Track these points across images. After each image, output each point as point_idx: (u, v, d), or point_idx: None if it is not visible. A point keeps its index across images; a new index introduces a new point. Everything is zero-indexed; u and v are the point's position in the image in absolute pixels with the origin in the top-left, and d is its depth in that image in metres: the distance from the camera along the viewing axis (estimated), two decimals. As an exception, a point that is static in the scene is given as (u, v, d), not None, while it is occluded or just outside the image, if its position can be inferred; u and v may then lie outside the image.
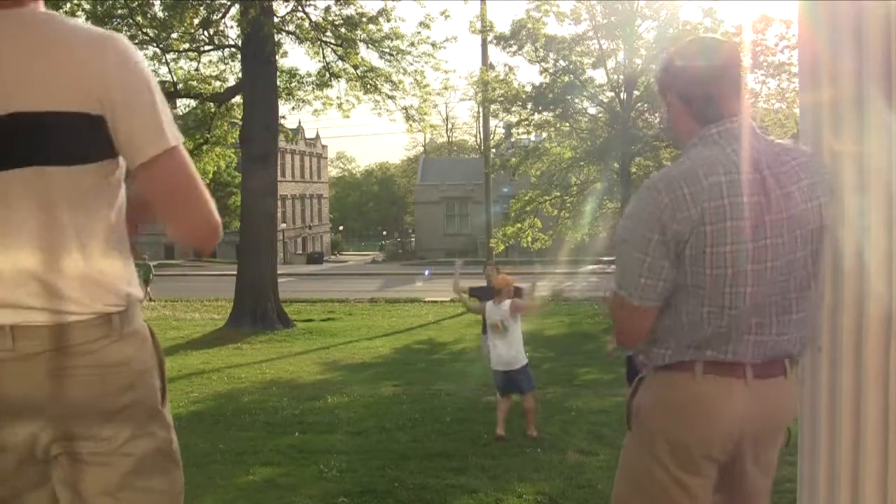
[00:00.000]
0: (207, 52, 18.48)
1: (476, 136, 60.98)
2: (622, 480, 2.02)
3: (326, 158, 63.57)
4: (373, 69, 18.30)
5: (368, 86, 18.33)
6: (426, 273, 30.00)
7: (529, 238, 20.26)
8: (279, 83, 17.68)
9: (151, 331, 1.58)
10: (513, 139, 22.45)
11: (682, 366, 1.83)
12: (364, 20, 17.47)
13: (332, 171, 72.21)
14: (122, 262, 1.51)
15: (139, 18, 16.48)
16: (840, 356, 2.00)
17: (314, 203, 58.38)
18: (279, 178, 20.76)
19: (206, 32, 17.67)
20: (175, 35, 17.04)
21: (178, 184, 1.49)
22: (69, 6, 15.86)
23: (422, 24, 17.86)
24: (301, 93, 18.93)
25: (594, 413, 7.21)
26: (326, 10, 17.62)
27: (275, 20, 16.88)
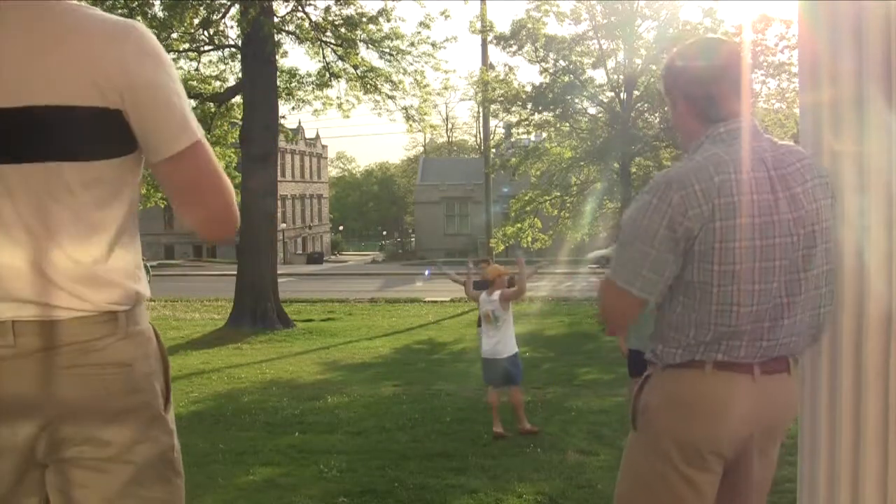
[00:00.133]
0: (207, 52, 18.50)
1: (476, 136, 61.04)
2: (626, 480, 2.01)
3: (326, 158, 63.57)
4: (373, 69, 18.31)
5: (368, 86, 18.33)
6: (426, 273, 29.98)
7: (529, 238, 20.25)
8: (279, 83, 17.69)
9: (156, 332, 1.53)
10: (513, 139, 22.42)
11: (692, 364, 1.84)
12: (364, 20, 17.47)
13: (332, 171, 72.24)
14: (132, 260, 1.46)
15: (139, 18, 16.47)
16: (840, 356, 2.00)
17: (314, 203, 58.37)
18: (279, 178, 20.76)
19: (206, 32, 17.68)
20: (175, 35, 17.03)
21: (202, 177, 1.46)
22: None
23: (422, 24, 17.88)
24: (301, 93, 18.97)
25: (594, 413, 7.21)
26: (326, 10, 17.63)
27: (275, 20, 16.88)
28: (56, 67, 1.32)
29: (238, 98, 17.93)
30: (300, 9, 17.60)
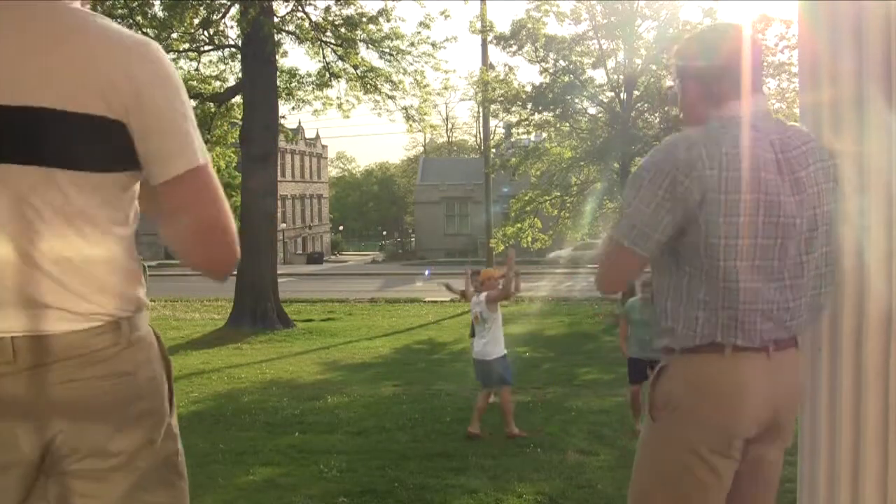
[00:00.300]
0: (207, 52, 18.50)
1: (476, 136, 61.01)
2: (645, 474, 1.98)
3: (326, 158, 63.58)
4: (373, 69, 18.32)
5: (368, 86, 18.34)
6: (426, 273, 29.98)
7: (529, 238, 20.25)
8: (279, 83, 17.70)
9: (157, 335, 1.49)
10: (513, 139, 22.41)
11: (712, 347, 1.83)
12: (364, 20, 17.48)
13: (332, 171, 72.24)
14: (132, 267, 1.42)
15: (139, 18, 16.47)
16: (840, 356, 2.00)
17: (314, 203, 58.37)
18: (279, 178, 20.77)
19: (206, 32, 17.68)
20: (175, 35, 17.04)
21: (203, 206, 1.39)
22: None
23: (422, 24, 17.90)
24: (301, 93, 18.98)
25: (594, 413, 7.22)
26: (326, 10, 17.64)
27: (275, 20, 16.89)
28: (61, 71, 1.29)
29: (238, 98, 17.94)
30: (300, 9, 17.61)
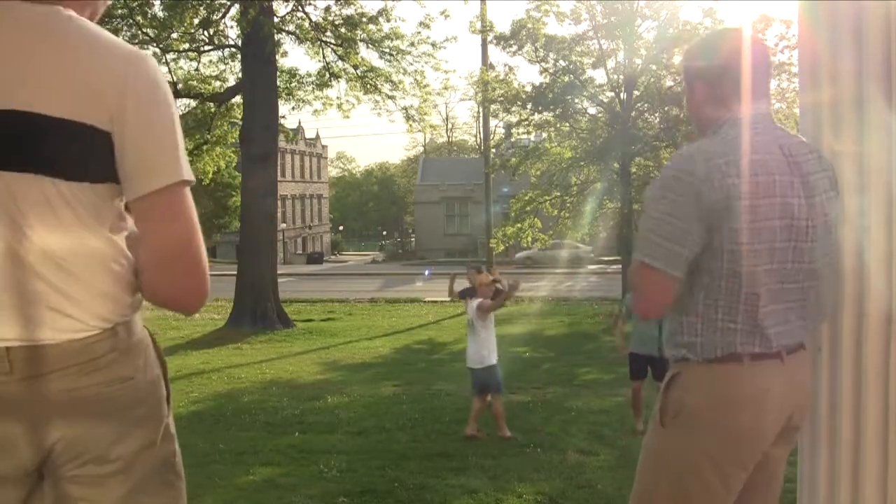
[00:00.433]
0: (207, 52, 18.50)
1: (476, 136, 60.98)
2: (652, 478, 1.95)
3: (326, 158, 63.56)
4: (373, 69, 18.31)
5: (368, 86, 18.34)
6: (426, 273, 29.99)
7: (529, 238, 20.24)
8: (279, 83, 17.69)
9: (152, 336, 1.47)
10: (513, 139, 22.39)
11: (732, 357, 1.81)
12: (364, 20, 17.48)
13: (332, 171, 72.22)
14: (126, 271, 1.38)
15: (139, 18, 16.48)
16: (840, 356, 2.00)
17: (314, 203, 58.36)
18: (279, 178, 20.76)
19: (206, 32, 17.68)
20: (175, 35, 17.04)
21: (179, 225, 1.33)
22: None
23: (422, 24, 17.89)
24: (301, 93, 18.97)
25: (594, 413, 7.22)
26: (326, 10, 17.64)
27: (275, 20, 16.89)
28: (51, 78, 1.26)
29: (238, 98, 17.93)
30: (300, 9, 17.60)
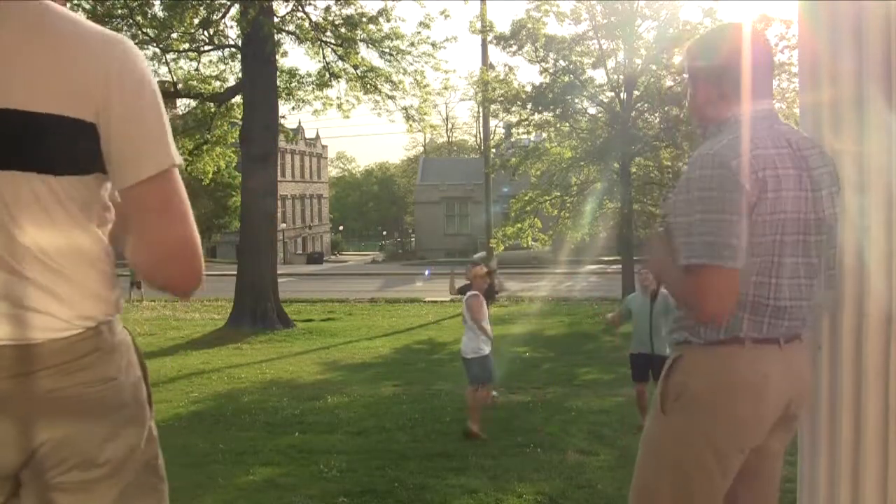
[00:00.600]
0: (207, 52, 18.49)
1: (476, 136, 60.99)
2: (652, 467, 1.94)
3: (326, 158, 63.57)
4: (373, 69, 18.31)
5: (368, 86, 18.34)
6: (426, 273, 30.00)
7: (529, 238, 20.25)
8: (279, 83, 17.69)
9: (132, 336, 1.44)
10: (513, 139, 22.41)
11: (734, 341, 1.82)
12: (364, 20, 17.48)
13: (332, 171, 72.26)
14: (109, 269, 1.35)
15: (139, 18, 16.48)
16: (840, 356, 2.00)
17: (314, 203, 58.37)
18: (279, 178, 20.76)
19: (206, 32, 17.68)
20: (175, 35, 17.04)
21: (166, 212, 1.30)
22: (69, 6, 15.85)
23: (422, 24, 17.89)
24: (301, 93, 18.97)
25: (594, 413, 7.22)
26: (326, 10, 17.64)
27: (275, 20, 16.89)
28: (34, 73, 1.23)
29: (238, 98, 17.93)
30: (300, 9, 17.60)
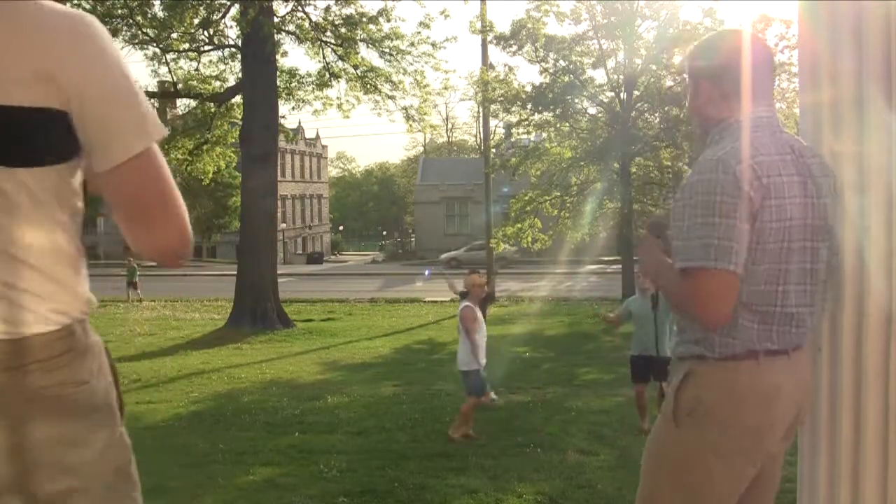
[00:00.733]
0: (207, 52, 18.50)
1: (476, 136, 60.99)
2: (662, 479, 1.93)
3: (326, 158, 63.57)
4: (373, 69, 18.31)
5: (368, 86, 18.34)
6: (426, 273, 30.01)
7: (529, 238, 20.25)
8: (279, 83, 17.70)
9: (103, 342, 1.40)
10: (513, 139, 22.43)
11: (749, 354, 1.81)
12: (364, 20, 17.48)
13: (332, 171, 72.26)
14: (80, 268, 1.32)
15: (139, 18, 16.48)
16: (840, 356, 2.00)
17: (314, 203, 58.37)
18: (279, 178, 20.76)
19: (206, 32, 17.68)
20: (175, 35, 17.04)
21: (156, 188, 1.29)
22: (68, 5, 15.87)
23: (422, 24, 17.89)
24: (301, 93, 18.96)
25: (594, 413, 7.21)
26: (326, 10, 17.65)
27: (275, 20, 16.89)
28: None
29: (238, 98, 17.94)
30: (300, 9, 17.61)
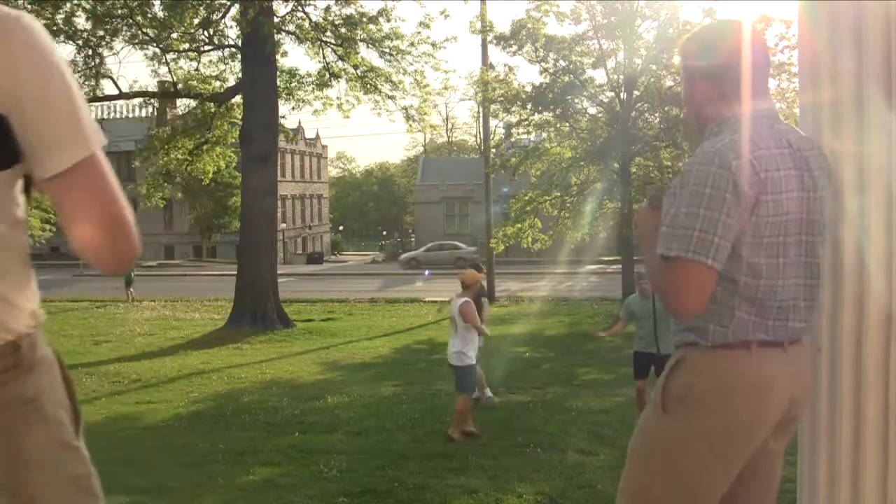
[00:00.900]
0: (207, 52, 18.51)
1: (476, 136, 61.00)
2: (650, 466, 1.92)
3: (326, 158, 63.55)
4: (373, 69, 18.33)
5: (368, 86, 18.35)
6: (426, 273, 30.03)
7: (529, 238, 20.24)
8: (279, 83, 17.71)
9: (57, 353, 1.35)
10: (513, 139, 22.43)
11: (741, 344, 1.81)
12: (364, 20, 17.50)
13: (332, 171, 72.24)
14: (25, 280, 1.26)
15: (139, 18, 16.49)
16: (840, 356, 2.00)
17: (314, 203, 58.35)
18: (279, 178, 20.78)
19: (206, 32, 17.69)
20: (175, 35, 17.05)
21: (99, 197, 1.22)
22: (69, 6, 15.89)
23: (422, 24, 17.92)
24: (301, 93, 18.99)
25: (594, 413, 7.22)
26: (326, 10, 17.67)
27: (275, 20, 16.91)
28: None
29: (238, 98, 17.95)
30: (300, 9, 17.62)
